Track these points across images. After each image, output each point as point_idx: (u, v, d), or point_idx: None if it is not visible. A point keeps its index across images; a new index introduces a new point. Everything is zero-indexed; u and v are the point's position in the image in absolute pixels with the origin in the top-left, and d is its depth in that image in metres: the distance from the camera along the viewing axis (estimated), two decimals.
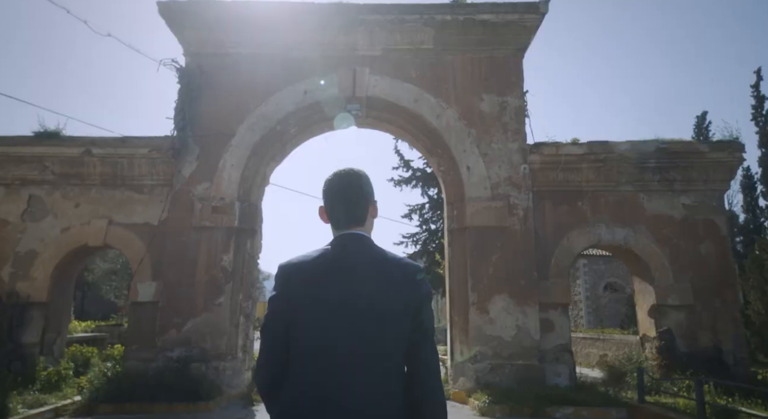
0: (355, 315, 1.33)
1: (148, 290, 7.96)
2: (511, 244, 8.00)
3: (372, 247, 1.47)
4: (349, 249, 1.44)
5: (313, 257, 1.45)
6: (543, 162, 8.21)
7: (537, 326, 7.67)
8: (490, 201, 8.16)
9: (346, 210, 1.49)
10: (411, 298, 1.39)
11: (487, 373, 7.48)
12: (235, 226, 8.14)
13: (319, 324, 1.34)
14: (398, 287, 1.38)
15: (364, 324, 1.33)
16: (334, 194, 1.52)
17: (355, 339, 1.31)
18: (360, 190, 1.52)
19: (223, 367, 7.62)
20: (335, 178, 1.54)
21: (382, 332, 1.34)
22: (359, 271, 1.39)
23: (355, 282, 1.37)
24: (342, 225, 1.49)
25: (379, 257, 1.44)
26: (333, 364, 1.30)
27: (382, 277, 1.39)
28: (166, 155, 8.26)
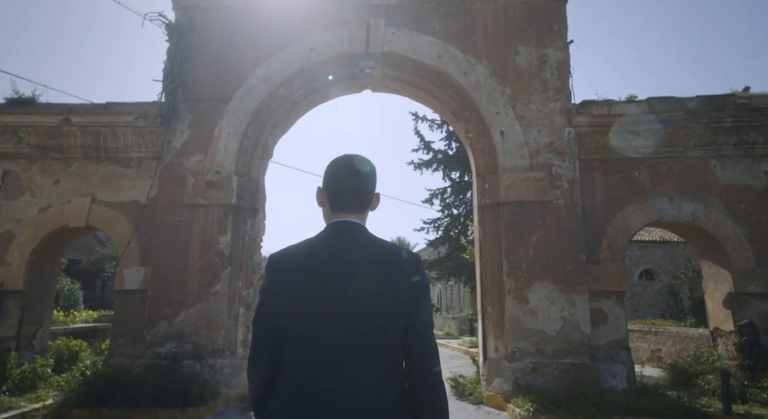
0: (349, 308, 1.28)
1: (135, 276, 6.99)
2: (554, 222, 6.76)
3: (367, 237, 1.42)
4: (344, 239, 1.39)
5: (305, 247, 1.41)
6: (591, 124, 6.91)
7: (587, 318, 6.45)
8: (528, 171, 6.92)
9: (350, 196, 1.44)
10: (408, 290, 1.33)
11: (527, 374, 6.30)
12: (233, 203, 7.08)
13: (311, 318, 1.29)
14: (394, 278, 1.33)
15: (358, 317, 1.28)
16: (340, 178, 1.46)
17: (350, 333, 1.27)
18: (368, 177, 1.47)
19: (220, 365, 6.62)
20: (344, 161, 1.48)
21: (378, 325, 1.29)
22: (353, 262, 1.33)
23: (349, 274, 1.31)
24: (341, 210, 1.44)
25: (374, 248, 1.38)
26: (326, 359, 1.26)
27: (377, 268, 1.33)
28: (154, 123, 7.24)
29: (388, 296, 1.30)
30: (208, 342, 6.70)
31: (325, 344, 1.27)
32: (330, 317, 1.27)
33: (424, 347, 1.35)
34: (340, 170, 1.46)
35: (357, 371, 1.25)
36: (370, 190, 1.48)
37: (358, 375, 1.25)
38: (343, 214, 1.44)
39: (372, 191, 1.49)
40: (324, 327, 1.27)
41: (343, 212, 1.44)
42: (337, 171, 1.47)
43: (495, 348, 6.69)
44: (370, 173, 1.48)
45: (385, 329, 1.29)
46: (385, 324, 1.29)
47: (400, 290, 1.32)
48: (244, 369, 6.82)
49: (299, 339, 1.29)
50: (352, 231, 1.41)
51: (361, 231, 1.42)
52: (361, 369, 1.26)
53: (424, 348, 1.35)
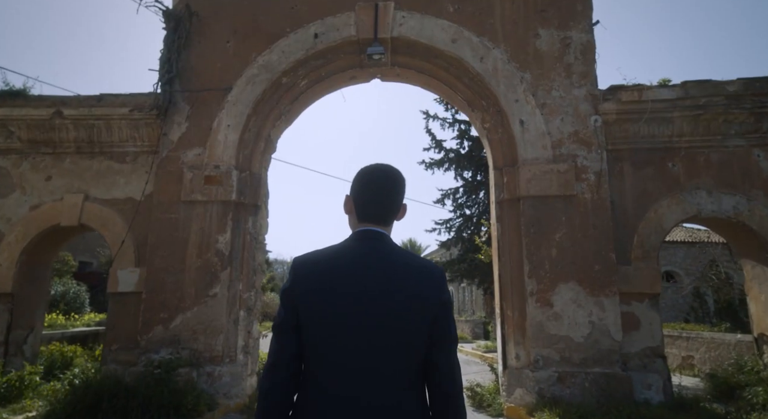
0: (374, 320, 1.26)
1: (129, 278, 6.56)
2: (580, 218, 6.20)
3: (393, 248, 1.40)
4: (369, 249, 1.38)
5: (330, 253, 1.38)
6: (620, 112, 6.33)
7: (618, 322, 5.87)
8: (551, 163, 6.37)
9: (378, 206, 1.44)
10: (432, 304, 1.32)
11: (553, 384, 5.74)
12: (233, 200, 6.63)
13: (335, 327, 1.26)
14: (421, 292, 1.32)
15: (384, 328, 1.26)
16: (370, 187, 1.46)
17: (375, 344, 1.25)
18: (398, 189, 1.47)
19: (219, 373, 6.15)
20: (374, 171, 1.48)
21: (403, 338, 1.27)
22: (378, 273, 1.32)
23: (373, 285, 1.29)
24: (368, 220, 1.43)
25: (399, 259, 1.37)
26: (350, 370, 1.24)
27: (402, 280, 1.32)
28: (150, 116, 6.81)
29: (414, 309, 1.29)
30: (206, 348, 6.24)
31: (349, 354, 1.25)
32: (355, 327, 1.26)
33: (448, 361, 1.33)
34: (370, 181, 1.45)
35: (380, 382, 1.24)
36: (398, 202, 1.46)
37: (382, 386, 1.23)
38: (370, 224, 1.42)
39: (400, 203, 1.47)
40: (348, 336, 1.25)
41: (369, 223, 1.43)
42: (368, 181, 1.45)
43: (516, 356, 6.14)
44: (400, 185, 1.47)
45: (411, 341, 1.28)
46: (410, 337, 1.28)
47: (426, 304, 1.30)
48: (245, 378, 6.36)
49: (322, 347, 1.27)
50: (378, 241, 1.39)
51: (386, 241, 1.40)
52: (384, 381, 1.24)
53: (447, 362, 1.33)
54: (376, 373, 1.24)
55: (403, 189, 1.50)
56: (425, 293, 1.32)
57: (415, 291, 1.31)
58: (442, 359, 1.32)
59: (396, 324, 1.27)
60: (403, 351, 1.27)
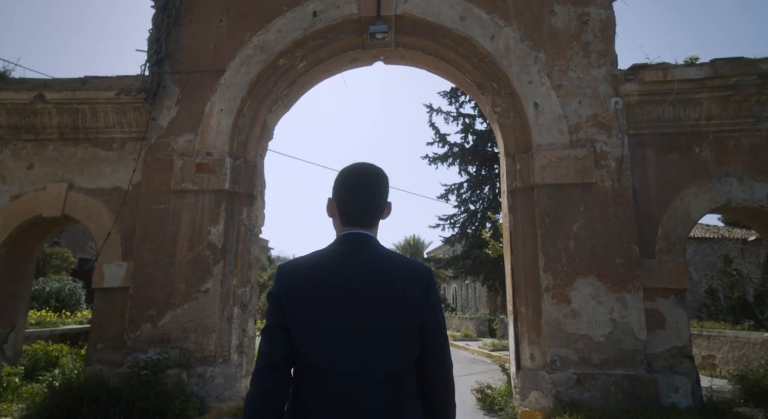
0: (363, 324, 1.25)
1: (116, 272, 6.14)
2: (600, 207, 5.74)
3: (379, 250, 1.38)
4: (355, 252, 1.35)
5: (315, 259, 1.36)
6: (643, 93, 5.86)
7: (641, 320, 5.42)
8: (567, 149, 5.91)
9: (362, 208, 1.41)
10: (421, 306, 1.31)
11: (571, 387, 5.30)
12: (226, 189, 6.19)
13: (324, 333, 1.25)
14: (408, 293, 1.31)
15: (368, 338, 1.24)
16: (352, 189, 1.42)
17: (359, 355, 1.24)
18: (380, 189, 1.44)
19: (211, 374, 5.73)
20: (355, 172, 1.44)
21: (391, 343, 1.26)
22: (365, 276, 1.30)
23: (360, 289, 1.28)
24: (352, 223, 1.40)
25: (386, 262, 1.35)
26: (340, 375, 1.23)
27: (390, 283, 1.31)
28: (137, 99, 6.38)
29: (403, 311, 1.28)
30: (197, 347, 5.82)
31: (339, 358, 1.23)
32: (343, 331, 1.25)
33: (438, 361, 1.33)
34: (352, 182, 1.42)
35: (371, 386, 1.23)
36: (382, 202, 1.43)
37: (373, 389, 1.23)
38: (354, 227, 1.40)
39: (384, 203, 1.44)
40: (337, 341, 1.24)
41: (354, 225, 1.40)
42: (349, 183, 1.42)
43: (530, 356, 5.69)
44: (382, 185, 1.44)
45: (400, 344, 1.27)
46: (399, 340, 1.27)
47: (415, 307, 1.30)
48: (239, 379, 5.93)
49: (311, 353, 1.26)
50: (363, 244, 1.37)
51: (372, 244, 1.38)
52: (375, 384, 1.23)
53: (437, 362, 1.33)
54: (366, 377, 1.23)
55: (387, 188, 1.45)
56: (413, 295, 1.31)
57: (403, 294, 1.30)
58: (431, 360, 1.32)
59: (385, 327, 1.26)
60: (393, 354, 1.26)
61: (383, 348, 1.25)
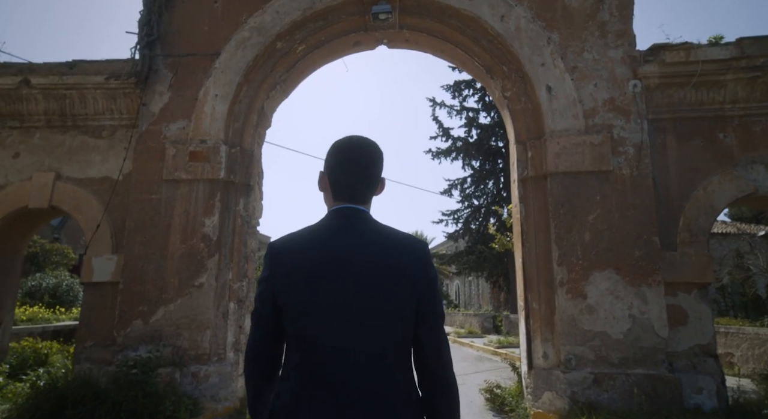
0: (357, 301, 1.21)
1: (106, 266, 5.83)
2: (618, 196, 5.40)
3: (374, 224, 1.34)
4: (348, 227, 1.30)
5: (307, 235, 1.31)
6: (664, 75, 5.51)
7: (663, 316, 5.09)
8: (582, 135, 5.56)
9: (355, 182, 1.36)
10: (417, 280, 1.26)
11: (588, 387, 4.97)
12: (221, 178, 5.87)
13: (317, 311, 1.21)
14: (404, 268, 1.26)
15: (365, 312, 1.21)
16: (345, 162, 1.37)
17: (356, 329, 1.20)
18: (374, 162, 1.38)
19: (205, 373, 5.42)
20: (348, 144, 1.39)
21: (386, 321, 1.22)
22: (359, 251, 1.25)
23: (355, 264, 1.23)
24: (345, 197, 1.35)
25: (381, 236, 1.30)
26: (334, 354, 1.19)
27: (384, 257, 1.26)
28: (128, 84, 6.05)
29: (399, 287, 1.24)
30: (191, 344, 5.51)
31: (334, 335, 1.20)
32: (338, 308, 1.21)
33: (435, 339, 1.29)
34: (345, 156, 1.37)
35: (367, 363, 1.19)
36: (376, 176, 1.38)
37: (369, 367, 1.19)
38: (347, 201, 1.35)
39: (378, 178, 1.39)
40: (332, 318, 1.20)
41: (346, 200, 1.35)
42: (341, 155, 1.37)
43: (543, 354, 5.37)
44: (376, 159, 1.38)
45: (396, 320, 1.23)
46: (396, 315, 1.23)
47: (411, 281, 1.26)
48: (235, 378, 5.62)
49: (306, 331, 1.22)
50: (356, 218, 1.33)
51: (365, 218, 1.34)
52: (371, 362, 1.20)
53: (435, 340, 1.29)
54: (362, 354, 1.20)
55: (381, 163, 1.41)
56: (409, 269, 1.27)
57: (398, 268, 1.25)
58: (428, 337, 1.28)
59: (381, 302, 1.23)
60: (390, 330, 1.23)
61: (381, 323, 1.22)
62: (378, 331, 1.21)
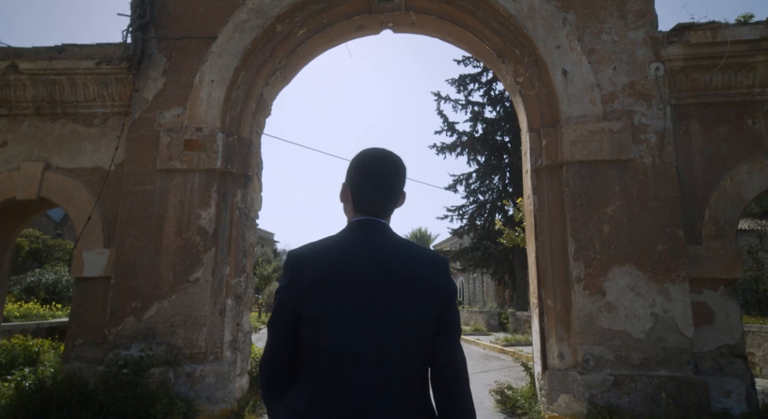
0: (374, 314, 1.20)
1: (97, 261, 5.55)
2: (639, 187, 5.07)
3: (394, 238, 1.33)
4: (369, 239, 1.30)
5: (327, 245, 1.31)
6: (689, 57, 5.16)
7: (688, 315, 4.76)
8: (601, 122, 5.23)
9: (377, 196, 1.35)
10: (438, 294, 1.26)
11: (607, 390, 4.65)
12: (218, 168, 5.57)
13: (337, 324, 1.20)
14: (423, 283, 1.25)
15: (384, 323, 1.20)
16: (368, 176, 1.36)
17: (375, 340, 1.19)
18: (396, 177, 1.38)
19: (201, 373, 5.14)
20: (372, 157, 1.38)
21: (405, 333, 1.21)
22: (381, 263, 1.25)
23: (376, 276, 1.23)
24: (366, 210, 1.35)
25: (402, 250, 1.30)
26: (348, 369, 1.18)
27: (405, 270, 1.25)
28: (120, 69, 5.76)
29: (420, 300, 1.23)
30: (186, 343, 5.23)
31: (353, 347, 1.18)
32: (358, 320, 1.19)
33: (452, 352, 1.27)
34: (368, 169, 1.36)
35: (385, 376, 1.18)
36: (397, 191, 1.38)
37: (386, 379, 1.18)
38: (368, 214, 1.34)
39: (400, 192, 1.39)
40: (352, 329, 1.19)
41: (367, 213, 1.35)
42: (364, 169, 1.36)
43: (559, 354, 5.05)
44: (399, 173, 1.38)
45: (416, 333, 1.22)
46: (415, 329, 1.22)
47: (432, 295, 1.25)
48: (233, 378, 5.33)
49: (323, 343, 1.20)
50: (377, 230, 1.32)
51: (386, 231, 1.34)
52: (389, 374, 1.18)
53: (452, 357, 1.27)
54: (380, 366, 1.18)
55: (404, 177, 1.40)
56: (430, 283, 1.26)
57: (419, 282, 1.25)
58: (445, 350, 1.26)
59: (401, 315, 1.21)
60: (409, 343, 1.21)
61: (400, 337, 1.21)
62: (397, 343, 1.20)
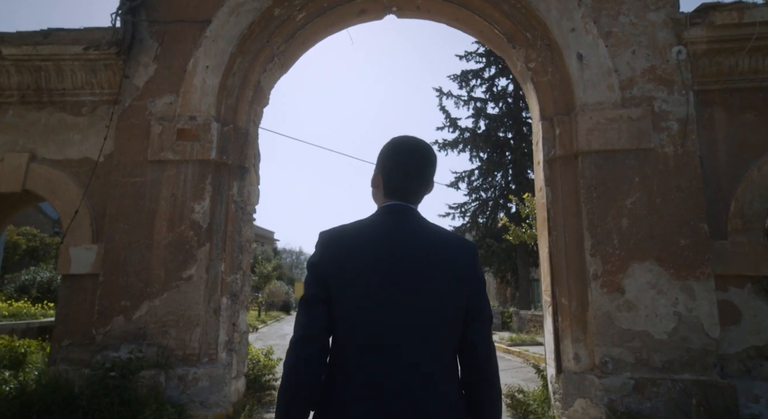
0: (404, 296, 1.18)
1: (85, 257, 5.26)
2: (660, 178, 4.76)
3: (423, 222, 1.33)
4: (400, 222, 1.30)
5: (358, 227, 1.31)
6: (713, 40, 4.85)
7: (714, 314, 4.45)
8: (619, 108, 4.92)
9: (409, 182, 1.35)
10: (468, 279, 1.26)
11: (627, 395, 4.35)
12: (213, 159, 5.27)
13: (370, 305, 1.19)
14: (455, 266, 1.25)
15: (415, 306, 1.19)
16: (400, 163, 1.37)
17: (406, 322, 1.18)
18: (428, 165, 1.38)
19: (194, 376, 4.84)
20: (404, 146, 1.39)
21: (436, 316, 1.20)
22: (411, 247, 1.25)
23: (406, 259, 1.22)
24: (397, 196, 1.35)
25: (432, 234, 1.30)
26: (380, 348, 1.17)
27: (436, 255, 1.25)
28: (109, 55, 5.45)
29: (450, 284, 1.23)
30: (179, 344, 4.93)
31: (383, 329, 1.18)
32: (388, 302, 1.18)
33: (484, 340, 1.27)
34: (399, 157, 1.37)
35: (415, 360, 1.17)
36: (428, 179, 1.39)
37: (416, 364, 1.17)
38: (398, 199, 1.35)
39: (431, 180, 1.40)
40: (382, 312, 1.18)
41: (398, 198, 1.35)
42: (397, 157, 1.38)
43: (574, 356, 4.75)
44: (430, 161, 1.39)
45: (447, 317, 1.22)
46: (446, 313, 1.22)
47: (462, 280, 1.25)
48: (228, 382, 5.03)
49: (354, 324, 1.20)
50: (407, 214, 1.33)
51: (417, 216, 1.35)
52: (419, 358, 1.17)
53: (484, 340, 1.27)
54: (410, 350, 1.17)
55: (435, 166, 1.40)
56: (461, 268, 1.26)
57: (450, 266, 1.24)
58: (478, 337, 1.26)
59: (431, 300, 1.20)
60: (439, 328, 1.20)
61: (431, 320, 1.19)
62: (427, 328, 1.18)
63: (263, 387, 5.81)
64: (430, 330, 1.18)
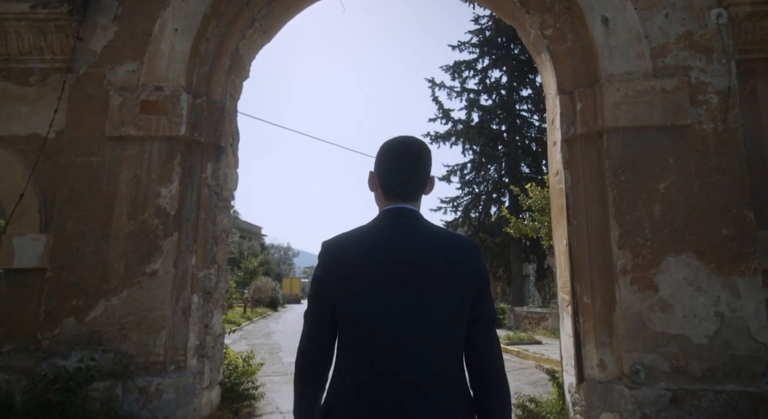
0: (410, 300, 1.19)
1: (31, 248, 4.51)
2: (697, 158, 4.15)
3: (426, 224, 1.33)
4: (402, 227, 1.31)
5: (361, 234, 1.32)
6: (758, 1, 4.24)
7: (762, 314, 3.86)
8: (650, 79, 4.29)
9: (404, 180, 1.36)
10: (471, 282, 1.25)
11: (663, 409, 3.74)
12: (182, 135, 4.55)
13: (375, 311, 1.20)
14: (459, 268, 1.25)
15: (420, 309, 1.20)
16: (393, 161, 1.37)
17: (413, 326, 1.19)
18: (423, 161, 1.38)
19: (158, 387, 4.13)
20: (396, 144, 1.39)
21: (442, 318, 1.21)
22: (414, 250, 1.25)
23: (410, 263, 1.23)
24: (395, 196, 1.35)
25: (434, 236, 1.30)
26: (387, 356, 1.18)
27: (439, 257, 1.25)
28: (61, 14, 4.68)
29: (454, 286, 1.23)
30: (140, 350, 4.22)
31: (389, 337, 1.18)
32: (395, 308, 1.19)
33: (489, 339, 1.27)
34: (394, 156, 1.38)
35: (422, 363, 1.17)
36: (424, 174, 1.39)
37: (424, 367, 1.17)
38: (398, 201, 1.36)
39: (427, 176, 1.40)
40: (386, 319, 1.19)
41: (396, 198, 1.36)
42: (389, 155, 1.38)
43: (599, 363, 4.13)
44: (425, 158, 1.39)
45: (452, 319, 1.22)
46: (451, 315, 1.22)
47: (466, 281, 1.24)
48: (199, 393, 4.33)
49: (360, 333, 1.21)
50: (408, 218, 1.33)
51: (418, 218, 1.34)
52: (427, 362, 1.18)
53: (488, 340, 1.27)
54: (417, 353, 1.17)
55: (429, 161, 1.40)
56: (464, 269, 1.25)
57: (453, 268, 1.24)
58: (482, 337, 1.26)
59: (436, 301, 1.21)
60: (444, 330, 1.20)
61: (434, 321, 1.19)
62: (432, 330, 1.19)
63: (241, 396, 5.11)
64: (435, 330, 1.18)
